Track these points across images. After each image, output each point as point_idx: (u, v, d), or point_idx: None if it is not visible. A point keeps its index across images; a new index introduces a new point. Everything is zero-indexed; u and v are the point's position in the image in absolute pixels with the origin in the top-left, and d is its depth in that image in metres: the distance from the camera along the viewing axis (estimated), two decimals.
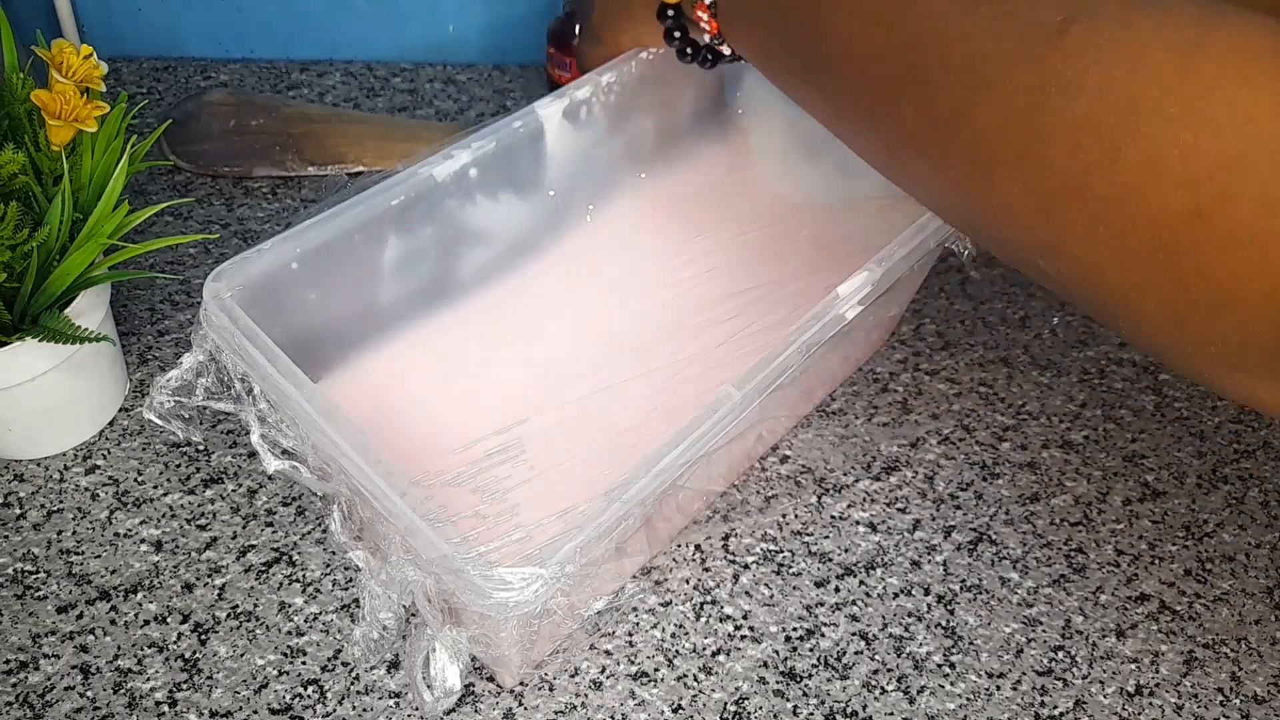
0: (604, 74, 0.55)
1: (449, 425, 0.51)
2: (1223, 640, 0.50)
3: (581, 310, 0.57)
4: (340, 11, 0.75)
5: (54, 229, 0.47)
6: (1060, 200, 0.28)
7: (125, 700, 0.45)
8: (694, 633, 0.48)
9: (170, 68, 0.75)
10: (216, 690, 0.45)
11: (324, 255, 0.47)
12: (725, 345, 0.55)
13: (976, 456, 0.56)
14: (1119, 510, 0.54)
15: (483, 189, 0.52)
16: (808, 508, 0.53)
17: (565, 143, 0.55)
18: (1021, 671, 0.48)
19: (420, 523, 0.36)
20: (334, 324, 0.50)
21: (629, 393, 0.54)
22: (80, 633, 0.47)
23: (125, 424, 0.54)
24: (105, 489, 0.52)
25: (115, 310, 0.58)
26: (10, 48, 0.51)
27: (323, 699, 0.45)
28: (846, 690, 0.47)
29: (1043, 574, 0.51)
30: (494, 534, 0.46)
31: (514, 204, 0.55)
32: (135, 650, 0.46)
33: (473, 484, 0.49)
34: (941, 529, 0.53)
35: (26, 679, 0.45)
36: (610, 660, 0.47)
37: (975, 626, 0.49)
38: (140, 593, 0.48)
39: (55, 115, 0.46)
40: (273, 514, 0.51)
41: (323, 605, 0.48)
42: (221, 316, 0.42)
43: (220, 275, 0.44)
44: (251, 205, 0.66)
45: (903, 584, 0.51)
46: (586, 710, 0.46)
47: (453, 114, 0.74)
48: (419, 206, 0.50)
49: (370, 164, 0.68)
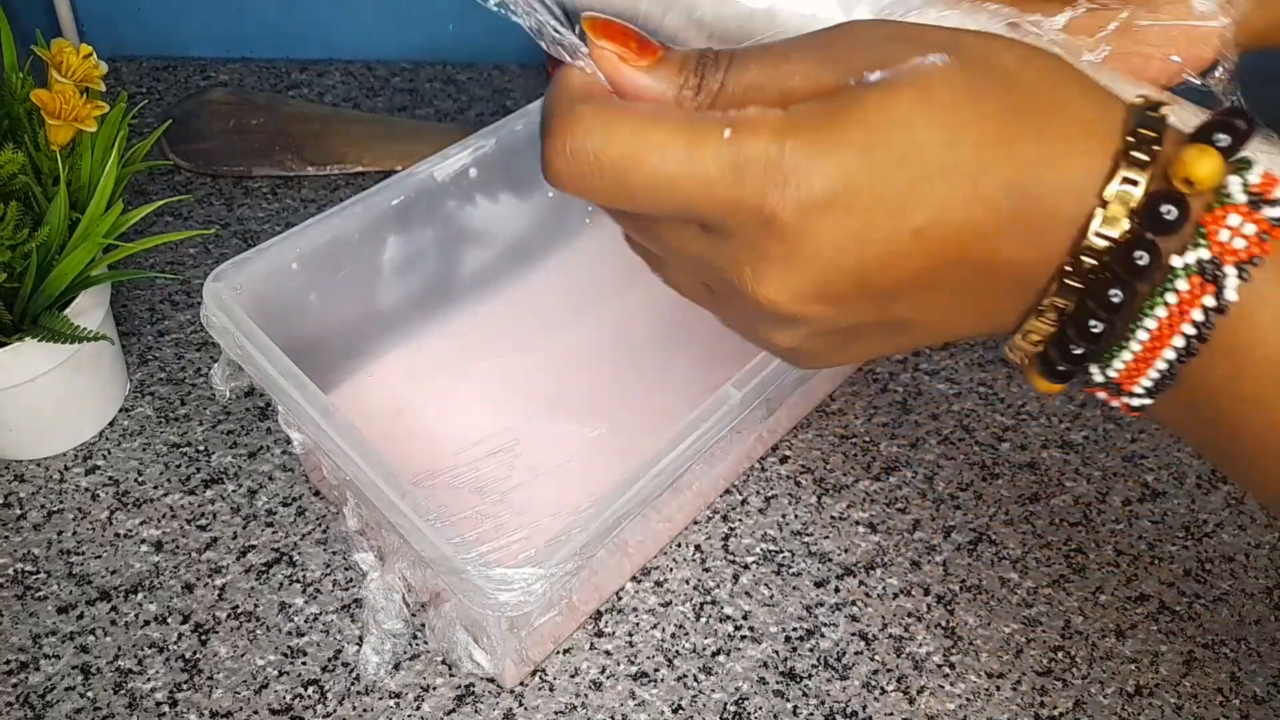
0: None
1: (449, 426, 0.51)
2: (1222, 640, 0.50)
3: (581, 311, 0.57)
4: (340, 11, 0.75)
5: (54, 229, 0.47)
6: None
7: (125, 700, 0.45)
8: (694, 633, 0.48)
9: (170, 68, 0.75)
10: (217, 690, 0.45)
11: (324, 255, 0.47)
12: (725, 345, 0.55)
13: (976, 456, 0.56)
14: (1119, 510, 0.54)
15: (483, 189, 0.52)
16: (808, 508, 0.53)
17: None
18: (1021, 672, 0.48)
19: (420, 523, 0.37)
20: (334, 324, 0.50)
21: (629, 393, 0.54)
22: (80, 633, 0.47)
23: (125, 424, 0.54)
24: (105, 489, 0.52)
25: (115, 310, 0.58)
26: (10, 48, 0.51)
27: (323, 699, 0.45)
28: (846, 690, 0.47)
29: (1042, 574, 0.51)
30: (494, 534, 0.46)
31: (514, 204, 0.55)
32: (135, 650, 0.46)
33: (473, 484, 0.49)
34: (941, 529, 0.53)
35: (27, 679, 0.45)
36: (610, 660, 0.47)
37: (975, 626, 0.49)
38: (140, 593, 0.48)
39: (55, 115, 0.46)
40: (273, 514, 0.51)
41: (323, 605, 0.48)
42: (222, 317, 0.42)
43: (220, 275, 0.44)
44: (251, 205, 0.66)
45: (902, 584, 0.51)
46: (586, 710, 0.46)
47: (453, 114, 0.74)
48: (419, 207, 0.50)
49: (370, 164, 0.68)
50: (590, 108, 0.25)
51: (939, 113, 0.25)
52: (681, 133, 0.25)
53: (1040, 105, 0.26)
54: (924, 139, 0.25)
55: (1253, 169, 0.25)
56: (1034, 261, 0.26)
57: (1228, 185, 0.25)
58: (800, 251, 0.25)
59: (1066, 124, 0.26)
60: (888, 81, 0.25)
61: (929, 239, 0.25)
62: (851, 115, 0.25)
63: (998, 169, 0.25)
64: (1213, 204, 0.25)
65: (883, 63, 0.25)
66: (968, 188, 0.25)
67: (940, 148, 0.25)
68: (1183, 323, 0.26)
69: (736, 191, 0.24)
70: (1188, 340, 0.26)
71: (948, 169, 0.25)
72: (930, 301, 0.27)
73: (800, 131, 0.24)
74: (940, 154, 0.25)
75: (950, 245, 0.25)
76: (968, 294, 0.27)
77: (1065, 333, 0.27)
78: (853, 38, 0.27)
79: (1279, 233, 0.25)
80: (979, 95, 0.25)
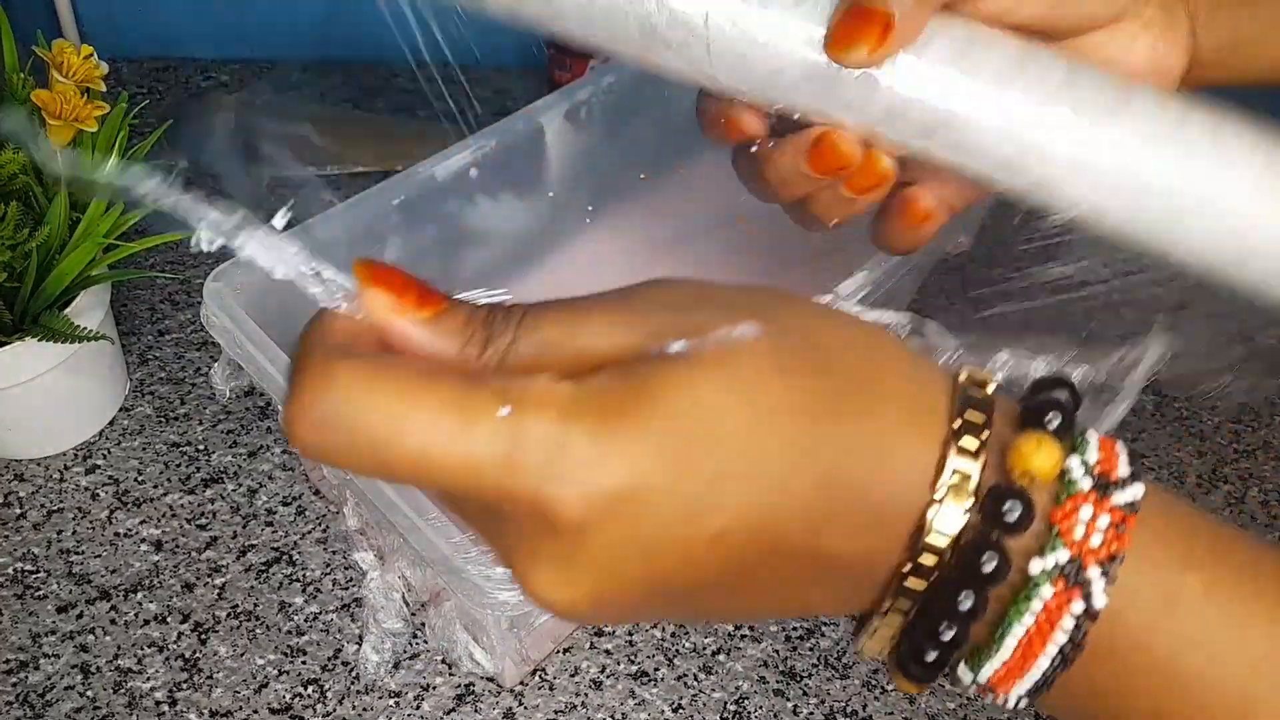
0: (604, 75, 0.55)
1: None
2: None
3: None
4: (340, 11, 0.75)
5: (54, 229, 0.47)
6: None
7: (125, 700, 0.45)
8: (694, 632, 0.48)
9: (170, 68, 0.75)
10: (216, 690, 0.45)
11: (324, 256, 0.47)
12: None
13: None
14: None
15: (483, 189, 0.52)
16: None
17: (565, 143, 0.55)
18: None
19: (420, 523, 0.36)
20: None
21: None
22: (80, 632, 0.47)
23: (125, 424, 0.54)
24: (105, 489, 0.52)
25: (115, 310, 0.58)
26: (11, 48, 0.51)
27: (323, 699, 0.45)
28: (846, 689, 0.47)
29: None
30: None
31: (514, 204, 0.55)
32: (135, 650, 0.46)
33: None
34: None
35: (26, 678, 0.45)
36: (610, 660, 0.47)
37: None
38: (140, 592, 0.48)
39: (55, 115, 0.46)
40: (273, 514, 0.51)
41: (323, 605, 0.48)
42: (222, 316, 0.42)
43: (221, 275, 0.44)
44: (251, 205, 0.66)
45: None
46: (586, 710, 0.46)
47: (453, 114, 0.74)
48: (419, 206, 0.50)
49: (370, 164, 0.68)
50: (348, 366, 0.21)
51: (745, 396, 0.22)
52: (452, 406, 0.21)
53: (860, 388, 0.23)
54: (727, 429, 0.21)
55: (1089, 445, 0.23)
56: (867, 556, 0.23)
57: (1070, 470, 0.23)
58: (577, 556, 0.21)
59: (889, 409, 0.23)
60: (690, 355, 0.22)
61: (730, 543, 0.22)
62: (647, 397, 0.21)
63: (810, 461, 0.22)
64: (1060, 495, 0.23)
65: (688, 330, 0.22)
66: (775, 484, 0.22)
67: (744, 438, 0.21)
68: (1053, 632, 0.23)
69: (510, 481, 0.21)
70: (1061, 649, 0.23)
71: (753, 463, 0.22)
72: (744, 594, 0.24)
73: (588, 415, 0.21)
74: (744, 446, 0.21)
75: (757, 545, 0.22)
76: (792, 585, 0.24)
77: (915, 635, 0.24)
78: (658, 297, 0.24)
79: (1134, 520, 0.23)
80: (791, 375, 0.22)
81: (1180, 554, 0.24)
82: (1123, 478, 0.23)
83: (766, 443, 0.22)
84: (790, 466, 0.22)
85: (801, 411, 0.22)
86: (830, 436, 0.22)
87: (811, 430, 0.22)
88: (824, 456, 0.22)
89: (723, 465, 0.21)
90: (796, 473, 0.22)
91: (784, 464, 0.22)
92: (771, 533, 0.22)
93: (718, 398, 0.21)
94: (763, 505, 0.22)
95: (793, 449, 0.22)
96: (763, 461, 0.22)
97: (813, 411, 0.22)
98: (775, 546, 0.22)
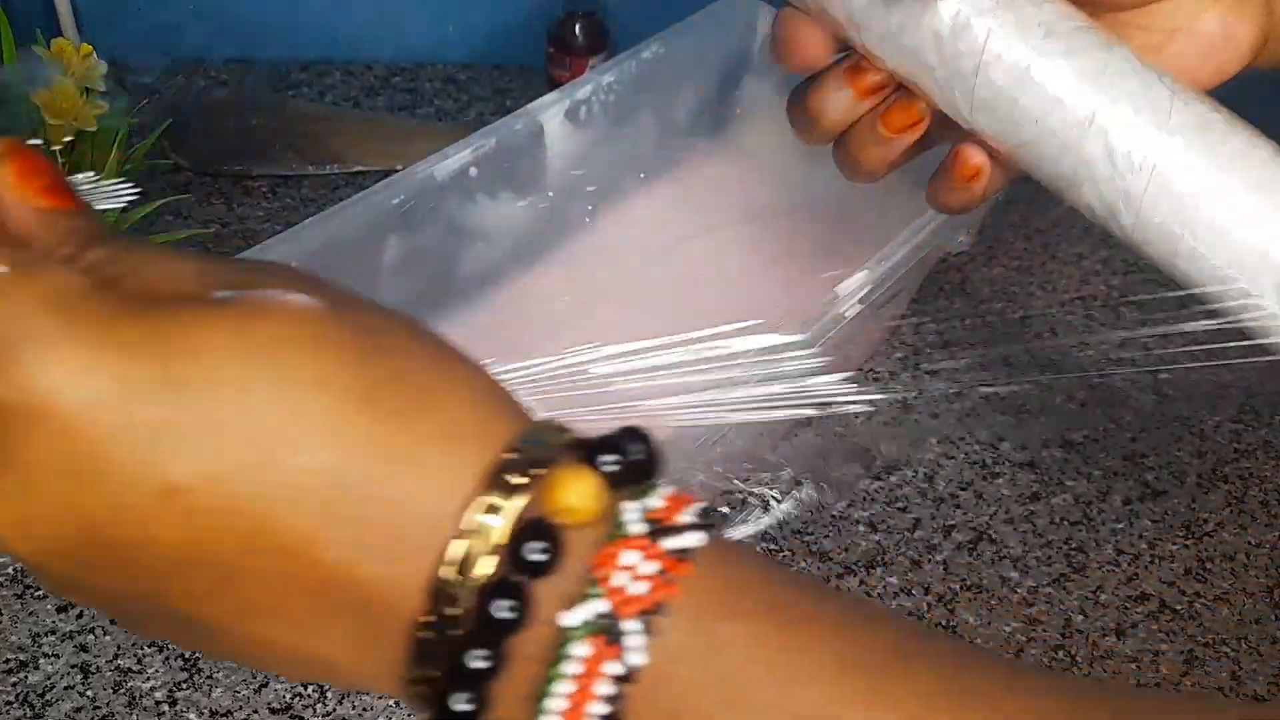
0: (604, 74, 0.55)
1: None
2: (1223, 640, 0.50)
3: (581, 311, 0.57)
4: (340, 11, 0.75)
5: None
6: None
7: (125, 699, 0.45)
8: None
9: (170, 68, 0.75)
10: (216, 689, 0.45)
11: (324, 255, 0.47)
12: None
13: (976, 456, 0.56)
14: (1119, 509, 0.54)
15: (483, 189, 0.52)
16: (808, 507, 0.53)
17: (565, 143, 0.55)
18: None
19: None
20: None
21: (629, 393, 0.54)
22: (80, 632, 0.47)
23: None
24: None
25: None
26: (10, 48, 0.51)
27: (323, 698, 0.45)
28: None
29: (1043, 573, 0.51)
30: None
31: (514, 204, 0.55)
32: (135, 649, 0.46)
33: None
34: (941, 528, 0.53)
35: (26, 678, 0.45)
36: None
37: (975, 626, 0.49)
38: None
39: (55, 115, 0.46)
40: None
41: None
42: None
43: None
44: (251, 205, 0.66)
45: (902, 583, 0.51)
46: None
47: (453, 114, 0.74)
48: (419, 206, 0.50)
49: (370, 164, 0.68)
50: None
51: (273, 355, 0.19)
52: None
53: (411, 392, 0.20)
54: (228, 377, 0.19)
55: (654, 493, 0.20)
56: (384, 590, 0.20)
57: (622, 513, 0.20)
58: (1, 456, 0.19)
59: (436, 422, 0.20)
60: (228, 300, 0.20)
61: (192, 504, 0.19)
62: (157, 319, 0.19)
63: (328, 447, 0.19)
64: (604, 539, 0.20)
65: (243, 284, 0.20)
66: (267, 457, 0.19)
67: (242, 395, 0.19)
68: (588, 701, 0.19)
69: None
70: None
71: (249, 424, 0.19)
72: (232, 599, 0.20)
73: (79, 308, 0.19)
74: (243, 402, 0.19)
75: (233, 522, 0.19)
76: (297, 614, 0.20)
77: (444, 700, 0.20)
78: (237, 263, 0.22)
79: (687, 568, 0.20)
80: (334, 352, 0.19)
81: (731, 605, 0.20)
82: (681, 524, 0.20)
83: (274, 409, 0.19)
84: (292, 444, 0.19)
85: (332, 393, 0.19)
86: (360, 429, 0.19)
87: (340, 415, 0.19)
88: (345, 446, 0.19)
89: (209, 413, 0.19)
90: (304, 453, 0.19)
91: (287, 438, 0.19)
92: (252, 515, 0.19)
93: (242, 347, 0.19)
94: (243, 473, 0.19)
95: (304, 425, 0.19)
96: (262, 425, 0.19)
97: (346, 396, 0.19)
98: (260, 533, 0.19)
